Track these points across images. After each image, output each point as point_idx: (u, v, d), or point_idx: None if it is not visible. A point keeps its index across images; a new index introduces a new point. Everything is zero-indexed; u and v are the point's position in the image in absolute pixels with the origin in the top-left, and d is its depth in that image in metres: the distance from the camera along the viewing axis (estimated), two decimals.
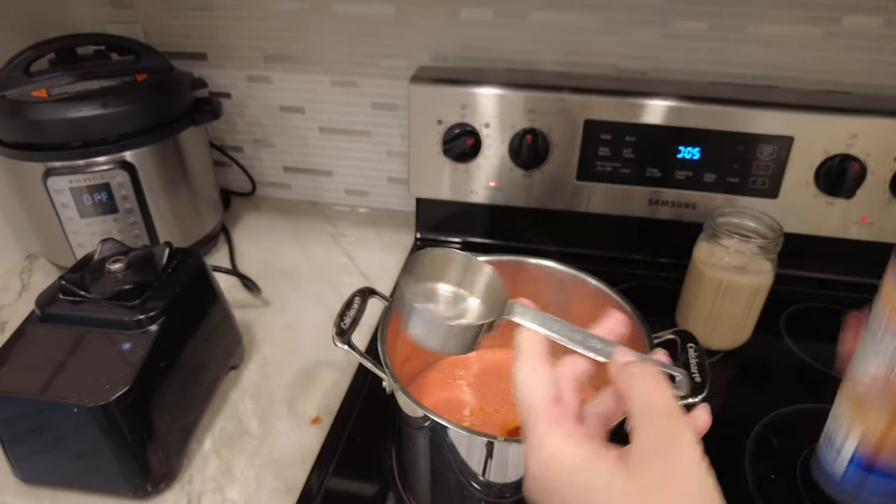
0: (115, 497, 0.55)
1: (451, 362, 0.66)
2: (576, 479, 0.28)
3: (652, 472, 0.27)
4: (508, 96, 0.78)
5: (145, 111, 0.76)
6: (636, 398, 0.29)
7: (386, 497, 0.56)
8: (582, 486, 0.28)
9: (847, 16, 0.74)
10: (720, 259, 0.67)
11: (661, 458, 0.27)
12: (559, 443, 0.29)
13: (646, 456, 0.27)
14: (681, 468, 0.27)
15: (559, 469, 0.28)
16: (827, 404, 0.65)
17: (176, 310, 0.58)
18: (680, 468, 0.27)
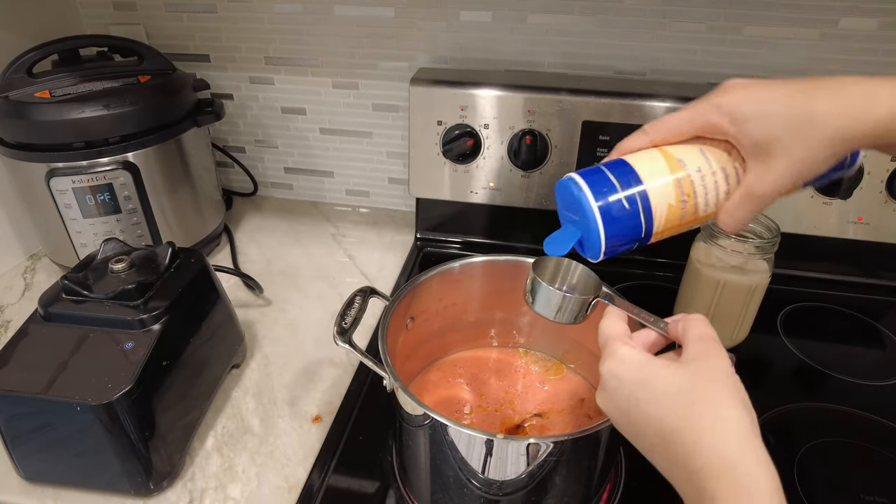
0: (118, 495, 0.56)
1: (451, 361, 0.67)
2: (642, 368, 0.38)
3: (696, 365, 0.36)
4: (508, 98, 0.78)
5: (148, 112, 0.76)
6: (692, 330, 0.39)
7: (386, 494, 0.56)
8: (648, 373, 0.37)
9: (844, 18, 0.75)
10: (717, 259, 0.67)
11: (703, 359, 0.37)
12: (628, 350, 0.39)
13: (693, 357, 0.37)
14: (717, 365, 0.36)
15: (631, 362, 0.38)
16: (824, 403, 0.66)
17: (178, 309, 0.58)
18: (716, 365, 0.36)
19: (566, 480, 0.48)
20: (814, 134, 0.36)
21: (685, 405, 0.35)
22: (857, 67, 0.78)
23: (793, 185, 0.38)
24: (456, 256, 0.62)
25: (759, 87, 0.38)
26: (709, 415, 0.34)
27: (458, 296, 0.63)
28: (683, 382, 0.36)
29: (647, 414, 0.36)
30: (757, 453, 0.33)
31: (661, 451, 0.36)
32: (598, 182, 0.41)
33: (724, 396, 0.35)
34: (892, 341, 0.75)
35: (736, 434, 0.33)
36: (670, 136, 0.42)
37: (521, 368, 0.66)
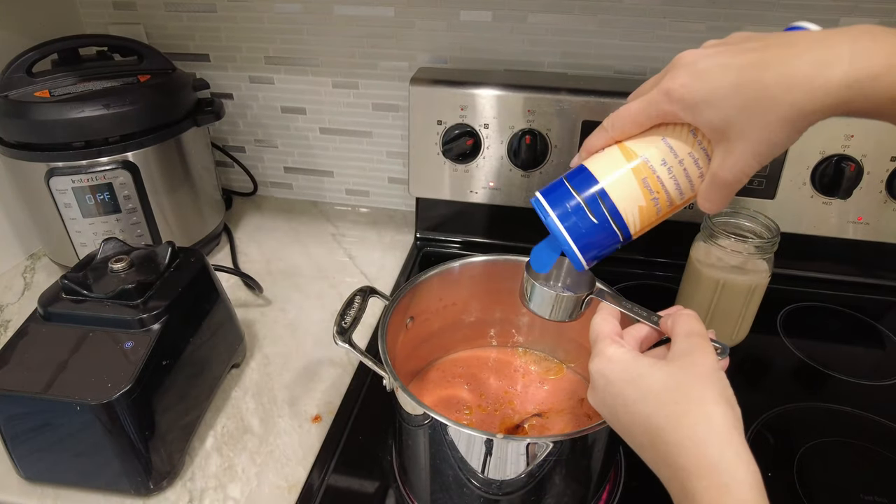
0: (118, 495, 0.56)
1: (451, 361, 0.67)
2: (629, 367, 0.38)
3: (682, 362, 0.37)
4: (507, 97, 0.78)
5: (148, 112, 0.76)
6: (680, 326, 0.40)
7: (386, 494, 0.56)
8: (634, 372, 0.38)
9: (844, 17, 0.75)
10: (717, 259, 0.67)
11: (689, 356, 0.37)
12: (616, 349, 0.40)
13: (680, 354, 0.38)
14: (702, 362, 0.37)
15: (618, 362, 0.39)
16: (823, 403, 0.66)
17: (178, 309, 0.58)
18: (702, 362, 0.37)
19: (566, 480, 0.48)
20: (768, 114, 0.34)
21: (670, 403, 0.35)
22: None
23: (758, 166, 0.36)
24: (456, 256, 0.62)
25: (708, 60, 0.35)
26: (692, 413, 0.35)
27: (458, 295, 0.63)
28: (669, 380, 0.36)
29: (635, 412, 0.37)
30: (738, 450, 0.33)
31: (648, 449, 0.37)
32: (561, 198, 0.41)
33: (708, 394, 0.35)
34: (891, 341, 0.75)
35: (718, 432, 0.34)
36: (631, 129, 0.40)
37: (520, 368, 0.66)
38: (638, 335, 0.43)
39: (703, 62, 0.36)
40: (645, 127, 0.40)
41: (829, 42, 0.32)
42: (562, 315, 0.47)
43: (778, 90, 0.33)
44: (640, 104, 0.39)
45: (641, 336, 0.43)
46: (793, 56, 0.33)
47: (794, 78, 0.32)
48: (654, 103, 0.38)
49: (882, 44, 0.31)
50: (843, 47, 0.32)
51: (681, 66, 0.37)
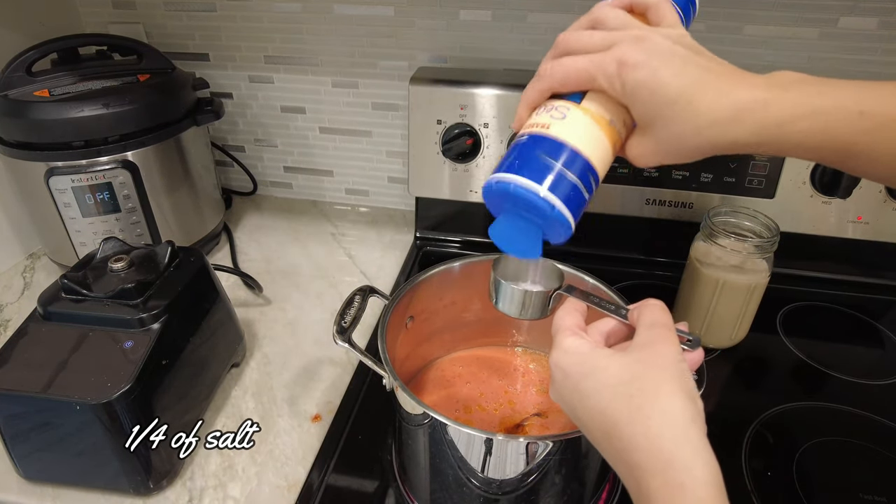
0: (118, 494, 0.56)
1: (451, 360, 0.67)
2: (586, 360, 0.37)
3: (641, 353, 0.36)
4: (507, 97, 0.78)
5: (147, 111, 0.76)
6: (645, 316, 0.38)
7: (386, 493, 0.56)
8: (590, 364, 0.36)
9: (843, 17, 0.75)
10: (717, 258, 0.67)
11: (651, 346, 0.36)
12: (573, 340, 0.38)
13: (640, 345, 0.36)
14: (662, 352, 0.35)
15: (574, 354, 0.38)
16: (823, 402, 0.66)
17: (178, 308, 0.58)
18: (662, 352, 0.35)
19: (565, 480, 0.48)
20: (688, 137, 0.36)
21: (625, 397, 0.34)
22: (856, 66, 0.78)
23: (657, 164, 0.39)
24: (455, 255, 0.62)
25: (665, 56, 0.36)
26: (647, 407, 0.33)
27: (458, 295, 0.63)
28: (625, 373, 0.35)
29: (591, 407, 0.36)
30: (695, 446, 0.32)
31: (605, 446, 0.35)
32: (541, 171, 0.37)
33: (665, 386, 0.34)
34: (891, 341, 0.75)
35: (674, 426, 0.32)
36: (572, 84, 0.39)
37: (520, 367, 0.66)
38: (604, 329, 0.41)
39: (661, 57, 0.36)
40: (585, 86, 0.39)
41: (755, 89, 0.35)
42: (531, 313, 0.46)
43: (703, 122, 0.35)
44: (588, 63, 0.37)
45: (607, 330, 0.41)
46: (725, 93, 0.35)
47: (720, 115, 0.35)
48: (602, 67, 0.37)
49: (791, 94, 0.34)
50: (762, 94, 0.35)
51: (640, 42, 0.36)
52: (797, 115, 0.34)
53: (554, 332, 0.40)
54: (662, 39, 0.37)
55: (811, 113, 0.34)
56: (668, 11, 0.40)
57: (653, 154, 0.38)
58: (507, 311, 0.47)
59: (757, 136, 0.35)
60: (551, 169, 0.36)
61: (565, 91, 0.39)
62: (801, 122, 0.34)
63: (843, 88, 0.34)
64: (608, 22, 0.39)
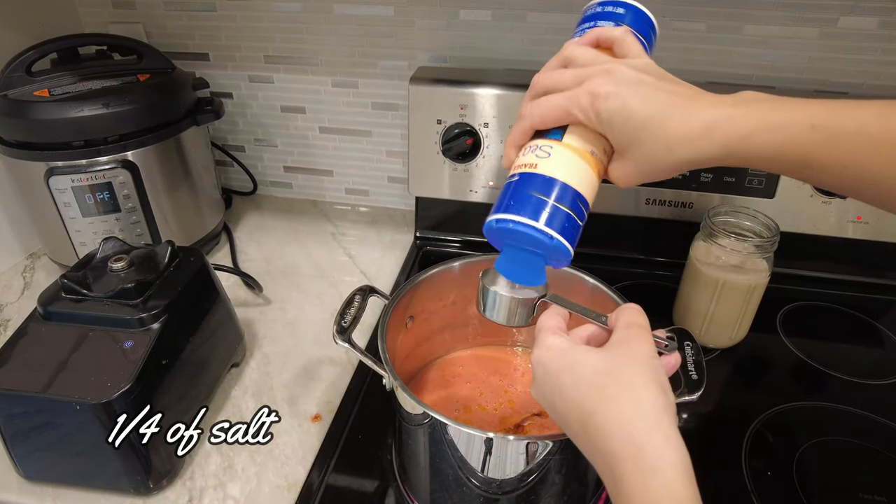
0: (118, 494, 0.56)
1: (451, 360, 0.67)
2: (565, 355, 0.38)
3: (616, 349, 0.38)
4: (507, 96, 0.78)
5: (147, 111, 0.76)
6: (622, 318, 0.40)
7: (386, 493, 0.56)
8: (569, 359, 0.38)
9: (843, 17, 0.75)
10: (717, 258, 0.67)
11: (624, 343, 0.38)
12: (553, 338, 0.40)
13: (615, 342, 0.38)
14: (637, 348, 0.37)
15: (555, 350, 0.39)
16: (823, 402, 0.66)
17: (178, 308, 0.58)
18: (636, 348, 0.37)
19: (565, 479, 0.48)
20: (660, 157, 0.39)
21: (600, 388, 0.36)
22: (856, 66, 0.78)
23: (639, 183, 0.42)
24: (455, 255, 0.62)
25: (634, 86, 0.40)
26: (621, 397, 0.35)
27: (458, 294, 0.63)
28: (602, 365, 0.37)
29: (568, 400, 0.37)
30: (666, 433, 0.33)
31: (582, 437, 0.37)
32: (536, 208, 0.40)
33: (638, 378, 0.35)
34: (891, 340, 0.75)
35: (646, 415, 0.34)
36: (551, 121, 0.42)
37: (520, 367, 0.66)
38: (584, 333, 0.43)
39: (629, 86, 0.40)
40: (563, 121, 0.42)
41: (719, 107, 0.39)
42: (518, 320, 0.47)
43: (674, 141, 0.38)
44: (563, 100, 0.41)
45: (587, 334, 0.43)
46: (691, 113, 0.39)
47: (689, 133, 0.38)
48: (577, 102, 0.40)
49: (752, 110, 0.38)
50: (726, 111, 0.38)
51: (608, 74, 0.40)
52: (758, 128, 0.37)
53: (537, 332, 0.42)
54: (629, 70, 0.41)
55: (769, 127, 0.37)
56: (632, 43, 0.45)
57: (633, 175, 0.42)
58: (496, 318, 0.48)
59: (724, 149, 0.38)
60: (545, 204, 0.40)
61: (546, 128, 0.43)
62: (761, 134, 0.37)
63: (798, 105, 0.37)
64: (578, 59, 0.43)
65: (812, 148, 0.36)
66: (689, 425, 0.63)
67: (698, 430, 0.63)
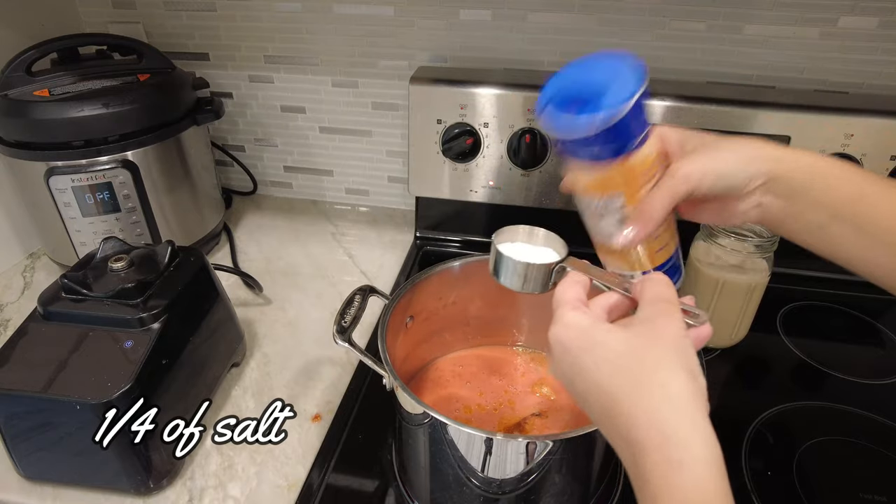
0: (118, 494, 0.56)
1: (451, 360, 0.67)
2: (586, 334, 0.36)
3: (642, 328, 0.35)
4: (507, 96, 0.78)
5: (147, 111, 0.76)
6: (648, 291, 0.38)
7: (386, 493, 0.56)
8: (590, 339, 0.36)
9: (844, 17, 0.75)
10: (717, 258, 0.67)
11: (651, 321, 0.35)
12: (574, 314, 0.37)
13: (641, 320, 0.36)
14: (664, 326, 0.35)
15: (574, 329, 0.37)
16: (823, 402, 0.66)
17: (178, 308, 0.58)
18: (663, 326, 0.35)
19: (565, 479, 0.48)
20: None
21: (624, 372, 0.33)
22: (856, 66, 0.78)
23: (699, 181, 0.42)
24: (455, 255, 0.62)
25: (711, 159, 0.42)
26: (646, 382, 0.32)
27: (458, 294, 0.63)
28: (625, 347, 0.34)
29: (589, 381, 0.35)
30: (695, 422, 0.31)
31: (604, 422, 0.35)
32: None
33: (665, 361, 0.33)
34: (891, 340, 0.75)
35: (672, 402, 0.31)
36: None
37: (520, 367, 0.66)
38: (606, 303, 0.40)
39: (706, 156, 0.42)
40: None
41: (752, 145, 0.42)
42: (533, 286, 0.45)
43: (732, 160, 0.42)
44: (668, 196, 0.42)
45: (610, 304, 0.40)
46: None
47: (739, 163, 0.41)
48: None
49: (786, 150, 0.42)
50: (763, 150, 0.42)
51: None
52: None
53: (555, 305, 0.39)
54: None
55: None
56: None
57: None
58: (509, 284, 0.46)
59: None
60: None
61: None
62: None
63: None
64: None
65: None
66: None
67: None
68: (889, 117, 0.72)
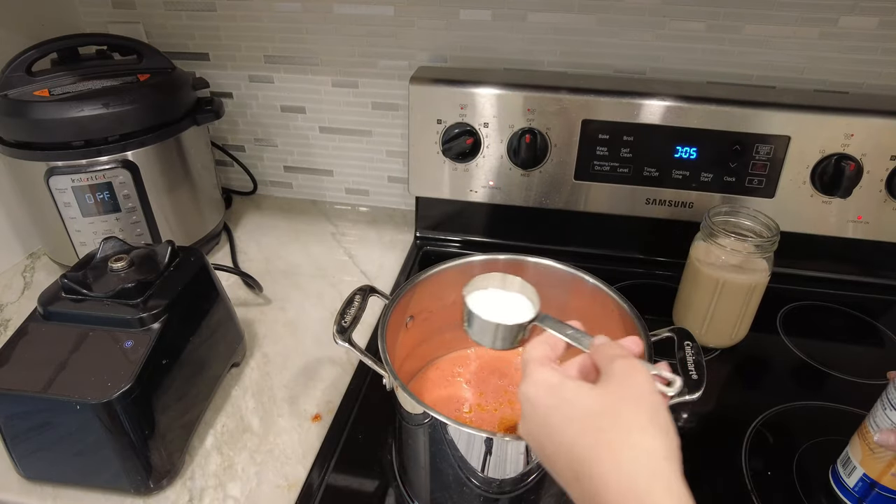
0: (118, 494, 0.56)
1: (451, 360, 0.67)
2: (554, 391, 0.36)
3: (611, 384, 0.34)
4: (507, 96, 0.78)
5: (147, 111, 0.76)
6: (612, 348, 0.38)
7: (386, 493, 0.56)
8: (559, 396, 0.35)
9: (844, 17, 0.75)
10: (717, 258, 0.67)
11: (620, 377, 0.35)
12: (543, 370, 0.37)
13: (610, 376, 0.35)
14: (634, 383, 0.34)
15: (542, 385, 0.36)
16: (823, 402, 0.66)
17: (178, 308, 0.58)
18: (634, 383, 0.34)
19: None
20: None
21: (594, 431, 0.32)
22: (856, 66, 0.78)
23: None
24: (455, 255, 0.62)
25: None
26: (617, 442, 0.31)
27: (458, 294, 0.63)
28: (594, 405, 0.33)
29: (558, 442, 0.34)
30: (669, 484, 0.30)
31: (574, 486, 0.33)
32: None
33: (637, 420, 0.32)
34: (891, 340, 0.75)
35: (646, 464, 0.30)
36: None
37: (520, 367, 0.66)
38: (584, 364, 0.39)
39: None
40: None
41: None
42: (501, 344, 0.46)
43: None
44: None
45: (582, 364, 0.39)
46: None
47: None
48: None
49: None
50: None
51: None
52: None
53: (524, 364, 0.39)
54: None
55: None
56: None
57: None
58: (478, 340, 0.47)
59: None
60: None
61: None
62: None
63: None
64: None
65: None
66: (689, 425, 0.63)
67: (698, 430, 0.63)
68: (889, 117, 0.72)
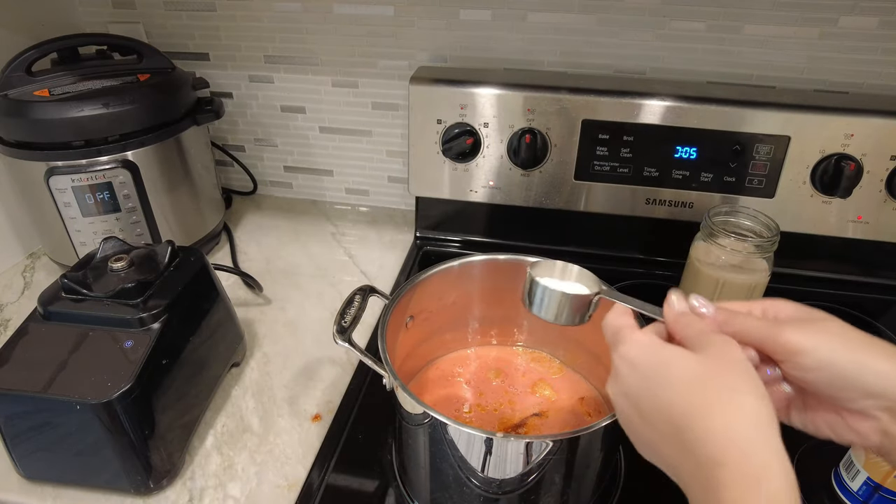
0: (118, 494, 0.56)
1: (451, 360, 0.67)
2: (658, 352, 0.37)
3: (713, 352, 0.36)
4: (507, 96, 0.78)
5: (147, 111, 0.76)
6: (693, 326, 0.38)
7: (386, 493, 0.56)
8: (663, 357, 0.37)
9: (843, 17, 0.75)
10: (717, 258, 0.67)
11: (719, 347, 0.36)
12: (642, 334, 0.39)
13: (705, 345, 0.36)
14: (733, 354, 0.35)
15: (647, 346, 0.38)
16: None
17: (178, 308, 0.58)
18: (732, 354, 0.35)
19: (565, 479, 0.48)
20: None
21: (699, 391, 0.34)
22: (856, 66, 0.78)
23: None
24: (455, 255, 0.62)
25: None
26: (723, 400, 0.33)
27: (458, 294, 0.63)
28: (700, 369, 0.35)
29: (659, 398, 0.35)
30: (772, 443, 0.31)
31: (671, 440, 0.35)
32: None
33: (742, 385, 0.34)
34: (891, 340, 0.75)
35: (751, 422, 0.32)
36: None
37: (520, 367, 0.66)
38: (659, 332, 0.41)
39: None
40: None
41: None
42: (568, 318, 0.46)
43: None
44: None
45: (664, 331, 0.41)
46: None
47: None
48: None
49: None
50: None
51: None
52: None
53: (613, 331, 0.40)
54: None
55: None
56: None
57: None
58: (543, 314, 0.46)
59: None
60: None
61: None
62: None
63: None
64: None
65: None
66: None
67: None
68: (889, 117, 0.72)
